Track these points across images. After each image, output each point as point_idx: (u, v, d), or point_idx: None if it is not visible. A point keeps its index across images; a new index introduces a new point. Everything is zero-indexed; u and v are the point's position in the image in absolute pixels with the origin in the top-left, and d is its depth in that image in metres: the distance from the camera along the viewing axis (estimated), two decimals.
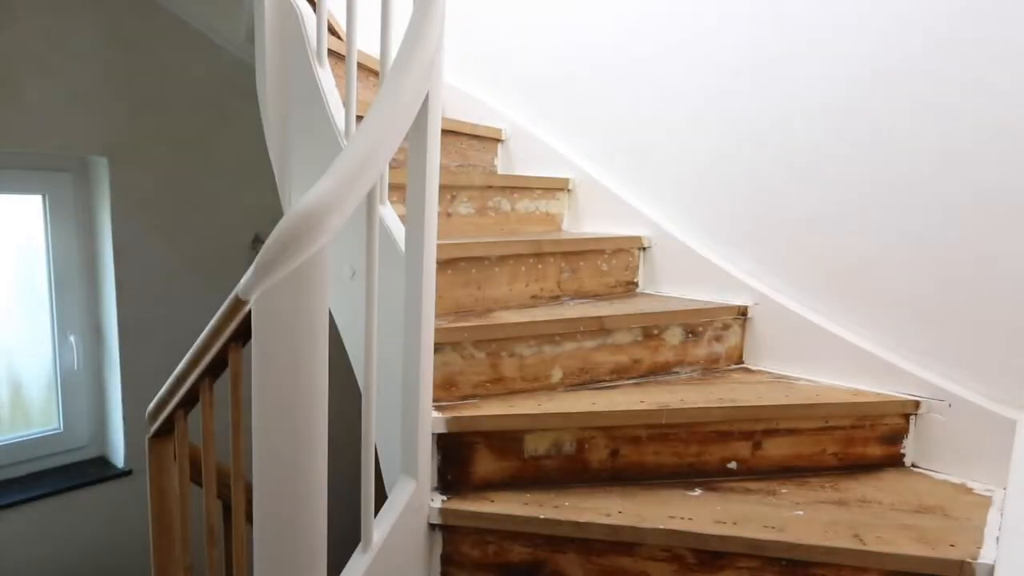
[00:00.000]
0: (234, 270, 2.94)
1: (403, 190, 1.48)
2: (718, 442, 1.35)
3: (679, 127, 1.77)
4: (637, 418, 1.31)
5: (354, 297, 1.35)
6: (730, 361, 1.65)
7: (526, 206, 1.92)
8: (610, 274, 1.77)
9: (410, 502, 1.13)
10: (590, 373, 1.49)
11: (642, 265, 1.84)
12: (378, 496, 1.39)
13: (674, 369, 1.58)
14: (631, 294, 1.80)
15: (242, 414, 1.40)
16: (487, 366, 1.38)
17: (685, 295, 1.76)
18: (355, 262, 1.34)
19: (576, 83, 1.99)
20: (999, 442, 1.30)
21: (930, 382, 1.39)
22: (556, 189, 1.98)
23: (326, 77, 1.45)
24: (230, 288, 2.91)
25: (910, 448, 1.41)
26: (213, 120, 2.81)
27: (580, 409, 1.31)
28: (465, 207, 1.78)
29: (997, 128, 1.30)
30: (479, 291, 1.53)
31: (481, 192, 1.81)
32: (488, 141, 2.11)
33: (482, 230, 1.83)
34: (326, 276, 0.77)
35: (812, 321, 1.55)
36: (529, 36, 2.09)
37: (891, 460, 1.41)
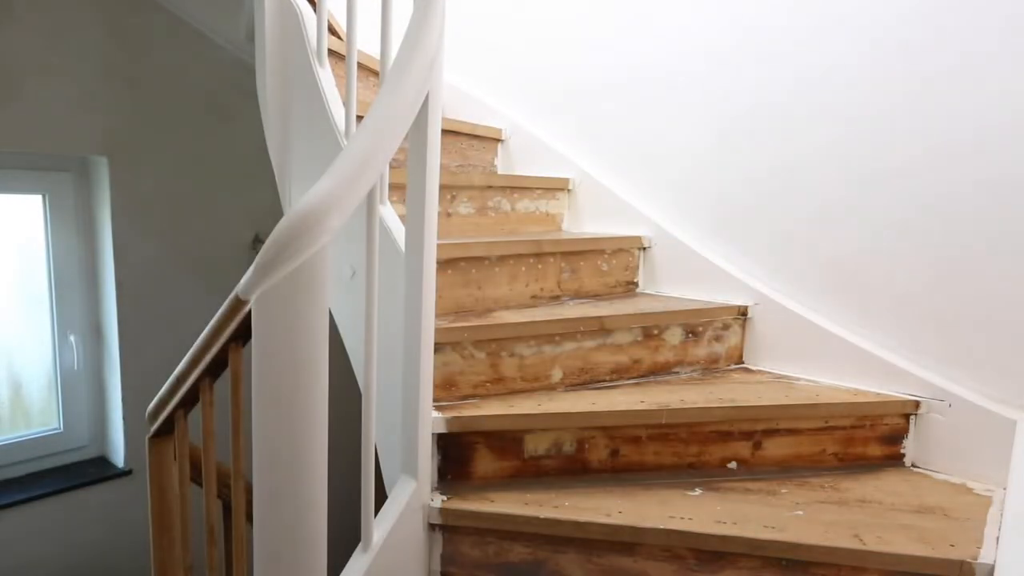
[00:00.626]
0: (234, 270, 2.94)
1: (403, 190, 1.48)
2: (718, 442, 1.35)
3: (678, 126, 1.77)
4: (637, 418, 1.31)
5: (354, 297, 1.35)
6: (730, 361, 1.65)
7: (526, 206, 1.92)
8: (610, 274, 1.77)
9: (410, 502, 1.13)
10: (590, 373, 1.49)
11: (642, 265, 1.84)
12: (378, 496, 1.39)
13: (674, 369, 1.58)
14: (631, 294, 1.80)
15: (242, 414, 1.40)
16: (487, 366, 1.38)
17: (685, 295, 1.76)
18: (355, 262, 1.34)
19: (576, 83, 1.99)
20: (999, 442, 1.30)
21: (930, 382, 1.39)
22: (556, 189, 1.98)
23: (326, 77, 1.45)
24: (230, 288, 2.91)
25: (910, 448, 1.41)
26: (213, 120, 2.81)
27: (580, 409, 1.31)
28: (465, 207, 1.78)
29: (995, 126, 1.30)
30: (479, 291, 1.53)
31: (481, 192, 1.81)
32: (488, 141, 2.11)
33: (482, 230, 1.83)
34: (326, 276, 0.77)
35: (812, 321, 1.55)
36: (529, 36, 2.09)
37: (891, 460, 1.41)
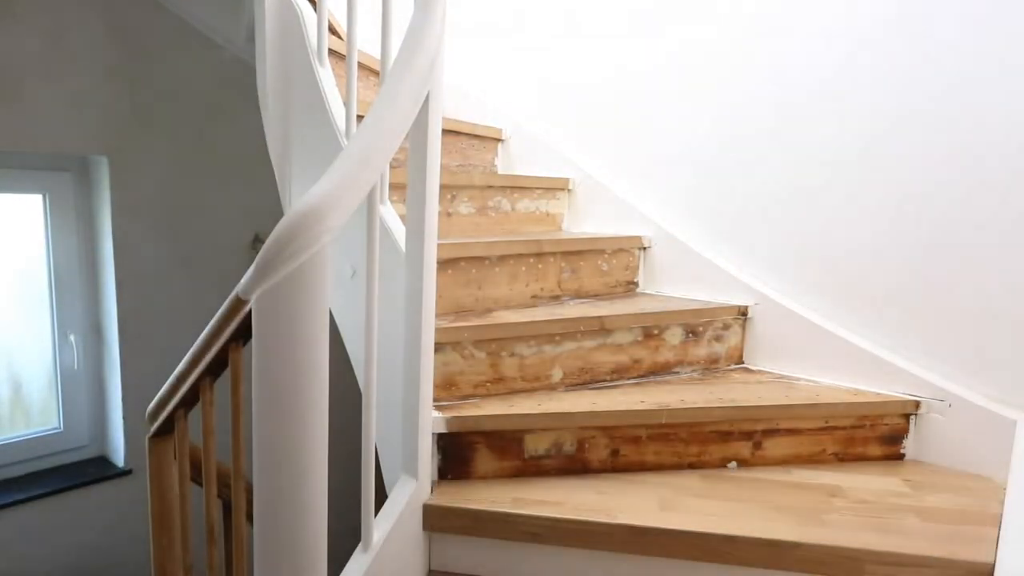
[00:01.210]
0: (234, 270, 2.94)
1: (403, 190, 1.48)
2: (718, 442, 1.35)
3: (678, 126, 1.77)
4: (637, 418, 1.31)
5: (354, 297, 1.35)
6: (730, 361, 1.65)
7: (526, 206, 1.92)
8: (610, 274, 1.77)
9: (410, 502, 1.13)
10: (590, 373, 1.49)
11: (642, 265, 1.84)
12: (378, 496, 1.38)
13: (674, 369, 1.58)
14: (631, 294, 1.80)
15: (242, 414, 1.40)
16: (487, 366, 1.38)
17: (685, 295, 1.76)
18: (355, 262, 1.34)
19: (576, 82, 1.99)
20: (999, 442, 1.30)
21: (930, 382, 1.39)
22: (556, 189, 1.97)
23: (326, 77, 1.45)
24: (230, 288, 2.90)
25: (910, 448, 1.41)
26: (213, 120, 2.81)
27: (580, 409, 1.31)
28: (465, 207, 1.78)
29: (996, 126, 1.30)
30: (479, 291, 1.53)
31: (481, 192, 1.81)
32: (488, 141, 2.11)
33: (482, 230, 1.82)
34: (326, 276, 0.77)
35: (812, 321, 1.55)
36: (529, 36, 2.08)
37: (891, 459, 1.41)
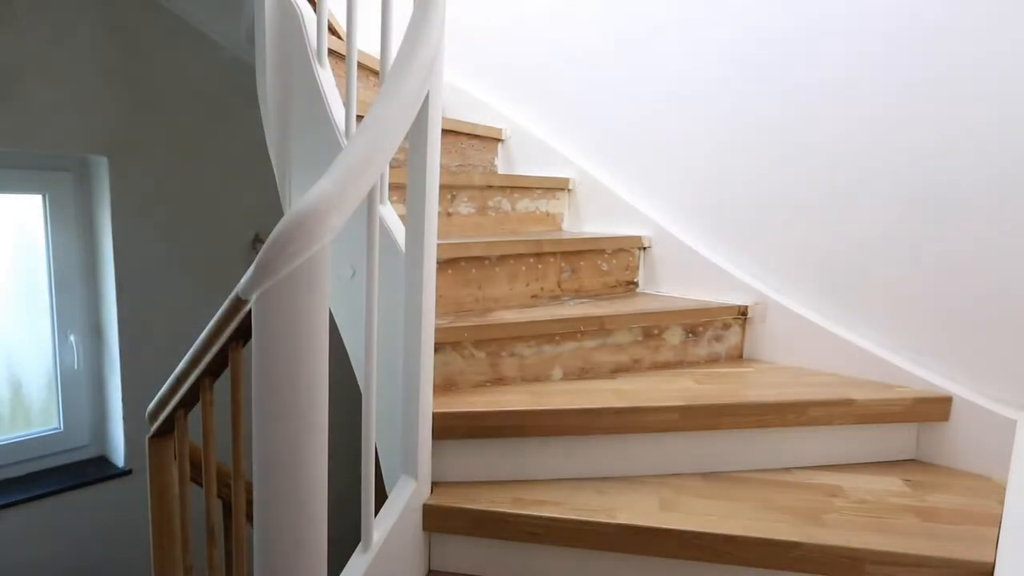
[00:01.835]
0: (234, 270, 2.94)
1: (403, 190, 1.48)
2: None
3: (679, 126, 1.77)
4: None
5: (354, 297, 1.35)
6: (731, 361, 1.65)
7: (526, 206, 1.92)
8: (610, 274, 1.77)
9: (410, 502, 1.13)
10: (591, 372, 1.49)
11: (642, 265, 1.84)
12: (378, 496, 1.38)
13: (675, 369, 1.58)
14: (631, 294, 1.80)
15: (242, 414, 1.40)
16: (487, 366, 1.38)
17: (685, 295, 1.76)
18: (355, 262, 1.34)
19: (577, 83, 1.99)
20: (999, 442, 1.30)
21: (930, 382, 1.39)
22: (556, 189, 1.97)
23: (326, 77, 1.45)
24: (230, 288, 2.90)
25: (911, 449, 1.42)
26: (213, 120, 2.81)
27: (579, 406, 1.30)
28: (465, 207, 1.78)
29: (999, 121, 1.30)
30: (479, 291, 1.53)
31: (481, 192, 1.81)
32: (488, 141, 2.11)
33: (482, 230, 1.82)
34: (326, 276, 0.77)
35: (813, 321, 1.55)
36: (530, 36, 2.09)
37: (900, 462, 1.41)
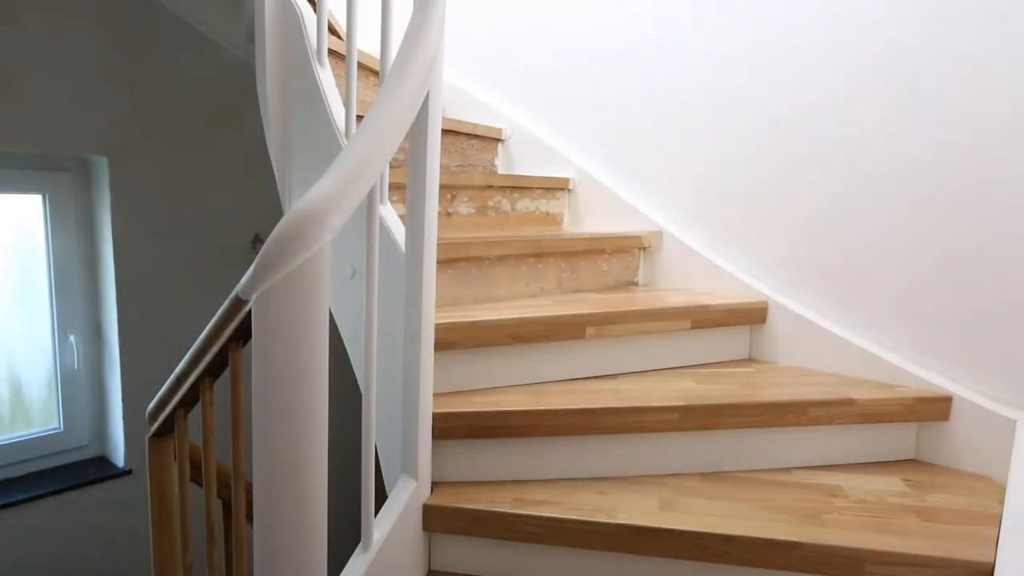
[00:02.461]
0: (234, 270, 2.94)
1: (403, 190, 1.48)
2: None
3: (679, 126, 1.77)
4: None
5: (354, 297, 1.35)
6: (731, 360, 1.65)
7: (526, 206, 1.92)
8: (610, 274, 1.77)
9: (410, 502, 1.13)
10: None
11: (642, 264, 1.83)
12: (378, 496, 1.38)
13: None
14: (632, 294, 1.79)
15: (242, 414, 1.40)
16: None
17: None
18: (355, 262, 1.34)
19: (577, 82, 1.99)
20: (999, 442, 1.30)
21: (930, 382, 1.39)
22: (556, 189, 1.97)
23: (326, 77, 1.45)
24: (230, 288, 2.91)
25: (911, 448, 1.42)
26: (213, 120, 2.81)
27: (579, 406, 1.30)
28: (465, 207, 1.78)
29: (998, 123, 1.30)
30: (479, 291, 1.53)
31: (481, 192, 1.81)
32: (488, 141, 2.11)
33: (482, 230, 1.82)
34: (326, 276, 0.77)
35: (813, 321, 1.55)
36: (530, 36, 2.09)
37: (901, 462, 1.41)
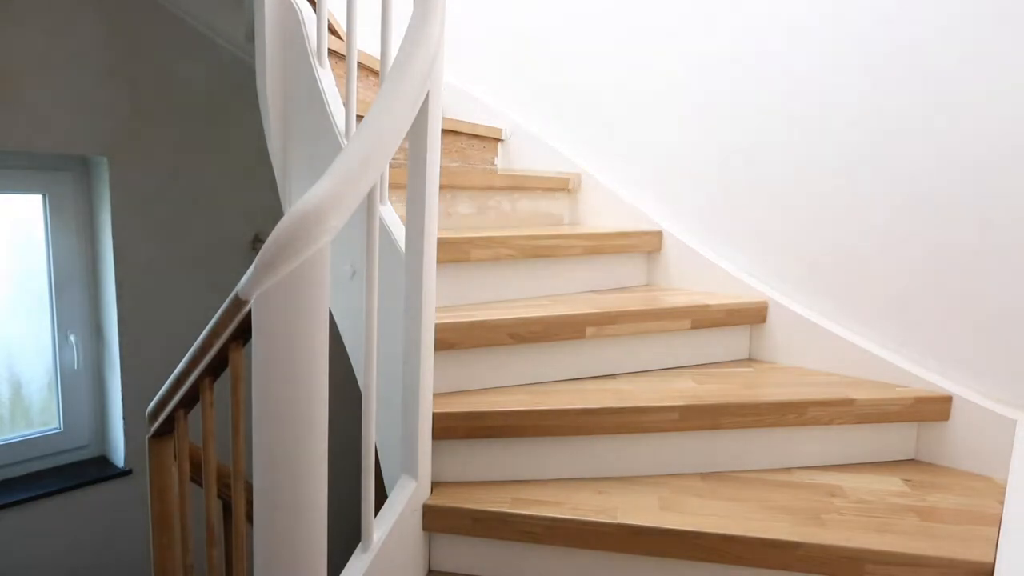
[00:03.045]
0: (234, 270, 2.94)
1: (403, 190, 1.48)
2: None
3: (680, 127, 1.77)
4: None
5: (354, 297, 1.35)
6: (732, 361, 1.65)
7: (526, 205, 1.92)
8: (610, 274, 1.77)
9: (410, 502, 1.13)
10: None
11: (643, 265, 1.83)
12: (378, 496, 1.38)
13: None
14: (632, 294, 1.79)
15: (242, 414, 1.40)
16: None
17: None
18: (355, 262, 1.34)
19: (577, 82, 1.99)
20: (999, 442, 1.30)
21: (930, 382, 1.39)
22: (556, 188, 1.97)
23: (326, 77, 1.45)
24: (230, 288, 2.90)
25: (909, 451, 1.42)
26: (213, 120, 2.81)
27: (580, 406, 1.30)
28: (465, 207, 1.78)
29: (999, 123, 1.30)
30: (479, 291, 1.52)
31: (481, 192, 1.81)
32: (488, 141, 2.11)
33: (482, 230, 1.82)
34: (326, 276, 0.77)
35: (813, 322, 1.55)
36: (530, 36, 2.08)
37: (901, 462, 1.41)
